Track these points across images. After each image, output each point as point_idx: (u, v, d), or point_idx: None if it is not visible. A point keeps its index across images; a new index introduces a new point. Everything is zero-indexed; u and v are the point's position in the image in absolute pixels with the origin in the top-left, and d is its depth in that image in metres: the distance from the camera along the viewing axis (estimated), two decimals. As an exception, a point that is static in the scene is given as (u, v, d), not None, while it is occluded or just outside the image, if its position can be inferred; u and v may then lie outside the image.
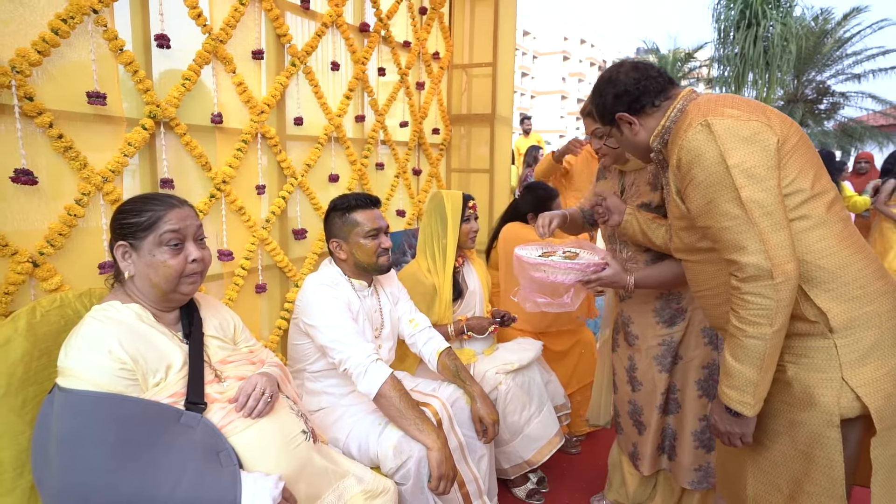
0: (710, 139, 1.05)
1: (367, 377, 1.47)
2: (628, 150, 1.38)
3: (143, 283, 1.13)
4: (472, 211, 2.09)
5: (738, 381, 1.06)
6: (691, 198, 1.09)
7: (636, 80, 1.24)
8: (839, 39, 12.68)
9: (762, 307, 1.00)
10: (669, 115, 1.21)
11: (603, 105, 1.29)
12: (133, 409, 1.01)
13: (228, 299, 1.80)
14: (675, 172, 1.13)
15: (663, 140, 1.23)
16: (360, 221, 1.63)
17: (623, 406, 1.79)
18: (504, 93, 3.02)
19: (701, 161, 1.05)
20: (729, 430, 1.12)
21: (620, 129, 1.29)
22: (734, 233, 1.02)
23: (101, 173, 1.41)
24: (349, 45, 2.24)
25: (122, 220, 1.12)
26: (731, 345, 1.07)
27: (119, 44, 1.42)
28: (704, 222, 1.08)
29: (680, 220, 1.20)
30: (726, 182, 1.03)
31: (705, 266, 1.20)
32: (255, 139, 1.88)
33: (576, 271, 1.56)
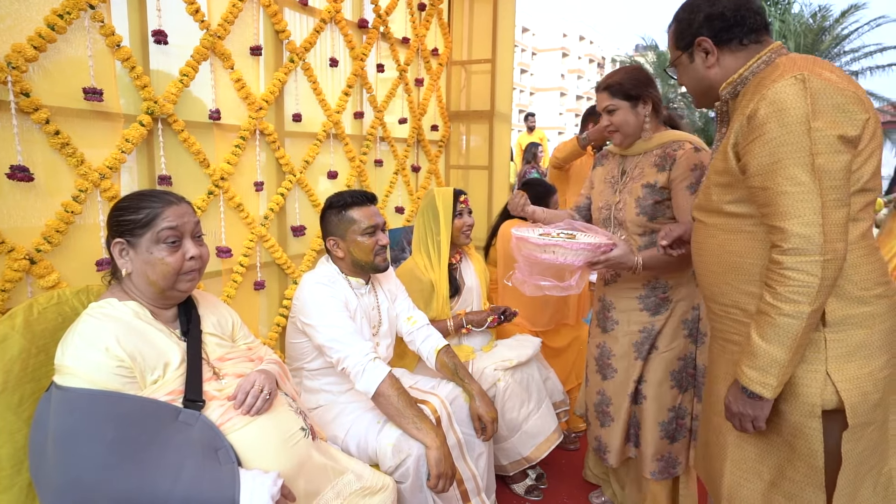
0: (802, 95, 0.96)
1: (365, 376, 1.46)
2: (691, 89, 1.24)
3: (140, 280, 1.13)
4: (463, 206, 2.08)
5: (763, 361, 1.01)
6: (755, 153, 1.00)
7: (736, 7, 1.12)
8: (837, 37, 12.67)
9: (804, 284, 0.95)
10: (751, 65, 1.10)
11: (689, 22, 1.16)
12: (131, 406, 1.01)
13: (227, 296, 1.79)
14: (743, 123, 1.03)
15: (735, 91, 1.13)
16: (356, 219, 1.62)
17: (591, 398, 1.80)
18: (503, 89, 3.02)
19: (782, 116, 0.96)
20: (742, 411, 1.07)
21: (693, 57, 1.17)
22: (793, 199, 0.95)
23: (99, 170, 1.40)
24: (348, 41, 2.23)
25: (118, 217, 1.11)
26: (759, 323, 1.01)
27: (116, 39, 1.41)
28: (761, 182, 1.00)
29: (721, 175, 1.11)
30: (802, 144, 0.95)
31: (716, 233, 1.14)
32: (254, 136, 1.87)
33: (586, 251, 1.49)
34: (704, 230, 1.19)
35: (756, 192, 1.02)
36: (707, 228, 1.18)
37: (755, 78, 1.09)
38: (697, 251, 1.23)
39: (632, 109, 1.61)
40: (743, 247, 1.09)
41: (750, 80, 1.11)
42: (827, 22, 12.72)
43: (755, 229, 1.07)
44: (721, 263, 1.14)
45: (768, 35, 1.14)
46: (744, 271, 1.10)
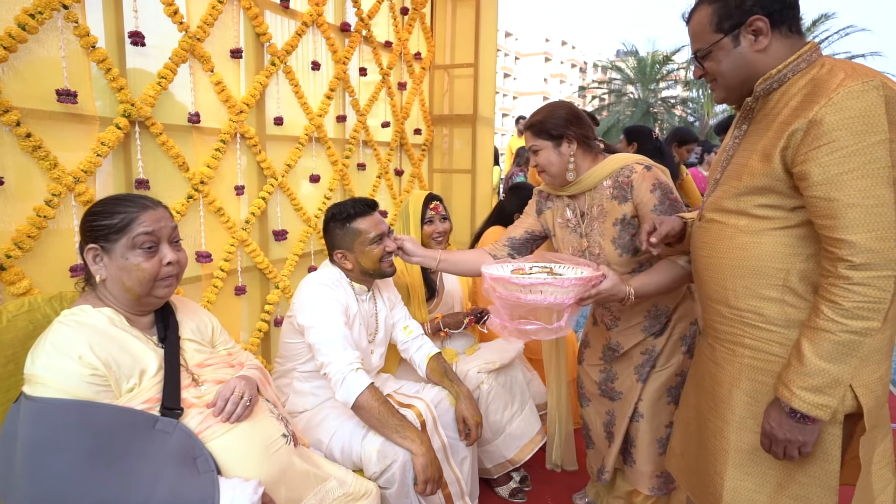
0: (879, 102, 0.89)
1: (344, 385, 1.45)
2: (728, 79, 1.09)
3: (115, 286, 1.10)
4: (434, 212, 2.05)
5: (821, 381, 0.94)
6: (820, 161, 0.91)
7: None
8: (811, 44, 13.04)
9: (876, 300, 0.90)
10: (793, 61, 1.01)
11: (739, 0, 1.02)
12: (105, 416, 0.98)
13: (207, 301, 1.77)
14: (801, 127, 0.94)
15: (770, 87, 1.04)
16: (362, 229, 1.61)
17: (599, 418, 1.77)
18: (486, 93, 3.03)
19: (856, 123, 0.89)
20: (790, 437, 0.99)
21: (739, 39, 1.04)
22: (865, 212, 0.89)
23: (73, 173, 1.37)
24: (330, 44, 2.22)
25: (92, 221, 1.09)
26: (816, 340, 0.94)
27: (91, 40, 1.38)
28: (825, 192, 0.92)
29: (758, 177, 1.02)
30: (878, 156, 0.88)
31: (736, 234, 1.07)
32: (234, 139, 1.85)
33: (577, 287, 1.33)
34: (720, 230, 1.11)
35: (816, 203, 0.94)
36: (724, 229, 1.10)
37: (800, 77, 1.01)
38: (708, 251, 1.15)
39: (555, 149, 1.56)
40: (768, 251, 1.04)
41: (789, 77, 1.02)
42: (801, 30, 13.09)
43: (781, 233, 1.03)
44: (741, 267, 1.07)
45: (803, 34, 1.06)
46: (766, 276, 1.04)
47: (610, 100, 21.18)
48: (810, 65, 1.01)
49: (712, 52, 1.08)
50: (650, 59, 19.23)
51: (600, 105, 21.33)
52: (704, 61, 1.11)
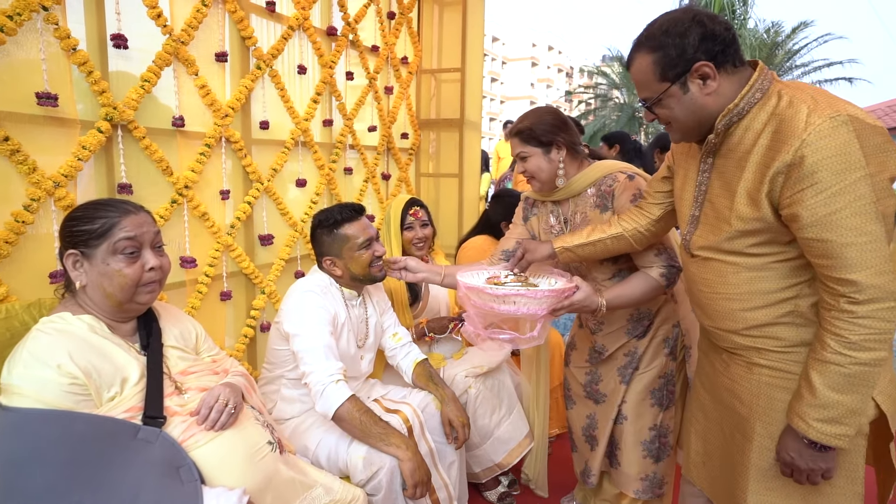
0: (851, 139, 0.88)
1: (323, 397, 1.44)
2: (683, 122, 1.08)
3: (96, 293, 1.09)
4: (413, 218, 2.05)
5: (836, 412, 0.94)
6: (807, 204, 0.91)
7: (726, 27, 1.00)
8: (789, 51, 13.29)
9: (882, 331, 0.90)
10: (746, 95, 1.00)
11: (681, 49, 1.00)
12: (84, 426, 0.96)
13: (191, 307, 1.74)
14: (780, 171, 0.94)
15: (730, 122, 1.02)
16: (350, 235, 1.61)
17: (579, 421, 1.78)
18: (473, 98, 3.04)
19: (835, 163, 0.88)
20: (812, 467, 0.99)
21: (688, 86, 1.02)
22: (861, 250, 0.89)
23: (53, 178, 1.34)
24: (316, 48, 2.22)
25: (72, 227, 1.07)
26: (826, 373, 0.94)
27: (72, 43, 1.36)
28: (817, 234, 0.92)
29: (746, 221, 1.02)
30: (862, 193, 0.88)
31: (742, 271, 1.06)
32: (219, 143, 1.83)
33: (550, 299, 1.35)
34: (720, 267, 1.10)
35: (811, 244, 0.94)
36: (725, 266, 1.09)
37: (759, 109, 1.00)
38: (711, 287, 1.13)
39: (544, 156, 1.53)
40: (773, 283, 1.04)
41: (748, 110, 1.01)
42: (780, 37, 13.34)
43: (783, 265, 1.03)
44: (750, 300, 1.07)
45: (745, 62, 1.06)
46: (776, 305, 1.05)
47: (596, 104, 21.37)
48: (765, 94, 1.01)
49: (662, 100, 1.07)
50: (635, 64, 19.41)
51: (586, 109, 21.51)
52: (655, 108, 1.10)
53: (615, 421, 1.67)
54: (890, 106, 13.46)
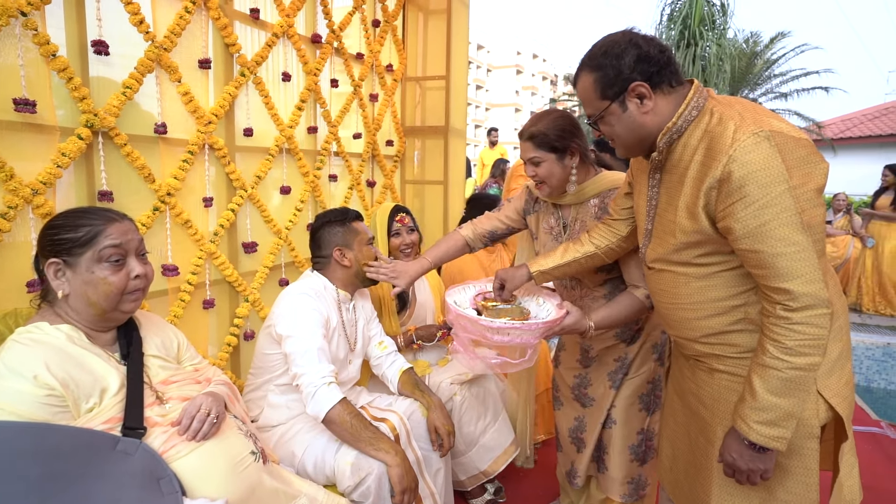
0: (773, 153, 0.93)
1: (315, 399, 1.44)
2: (624, 140, 1.13)
3: (79, 302, 1.07)
4: (400, 224, 2.08)
5: (774, 415, 0.97)
6: (738, 217, 0.96)
7: (661, 48, 1.05)
8: (767, 61, 13.60)
9: (814, 337, 0.94)
10: (683, 113, 1.04)
11: (618, 70, 1.04)
12: (60, 438, 0.94)
13: (174, 316, 1.72)
14: (713, 186, 0.98)
15: (671, 139, 1.07)
16: (360, 230, 1.74)
17: (567, 423, 1.79)
18: (457, 105, 3.06)
19: (760, 177, 0.93)
20: (751, 467, 1.02)
21: (626, 105, 1.07)
22: (791, 259, 0.93)
23: (31, 185, 1.32)
24: (301, 55, 2.22)
25: (53, 235, 1.05)
26: (765, 377, 0.97)
27: (51, 49, 1.35)
28: (750, 245, 0.96)
29: (689, 234, 1.06)
30: (787, 204, 0.92)
31: (691, 280, 1.10)
32: (203, 150, 1.82)
33: (542, 329, 1.39)
34: (673, 278, 1.14)
35: (746, 255, 0.99)
36: (676, 277, 1.13)
37: (695, 127, 1.05)
38: (668, 298, 1.17)
39: (558, 161, 1.49)
40: (722, 292, 1.08)
41: (686, 128, 1.06)
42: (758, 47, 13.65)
43: (729, 274, 1.06)
44: (702, 309, 1.10)
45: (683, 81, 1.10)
46: (728, 313, 1.08)
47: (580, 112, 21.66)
48: (700, 111, 1.05)
49: (604, 118, 1.11)
50: (618, 72, 19.70)
51: (570, 117, 21.74)
52: (599, 125, 1.14)
53: (604, 425, 1.68)
54: (865, 115, 13.84)
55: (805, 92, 13.12)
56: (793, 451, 1.07)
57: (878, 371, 4.39)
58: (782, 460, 1.08)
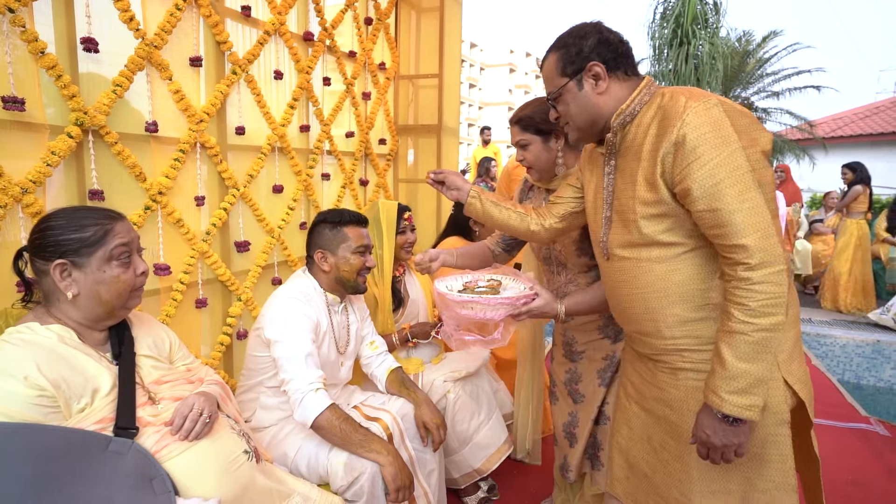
0: (722, 117, 0.99)
1: (302, 406, 1.44)
2: (578, 120, 1.19)
3: (89, 301, 1.07)
4: (407, 223, 2.09)
5: (744, 382, 0.97)
6: (695, 177, 0.99)
7: (620, 40, 1.14)
8: (760, 59, 13.68)
9: (775, 295, 0.96)
10: (637, 97, 1.12)
11: (578, 49, 1.13)
12: (52, 438, 0.94)
13: (166, 315, 1.71)
14: (668, 151, 1.02)
15: (624, 122, 1.13)
16: (350, 236, 1.66)
17: (561, 417, 1.80)
18: (450, 104, 3.06)
19: (711, 138, 0.98)
20: (726, 442, 1.02)
21: (582, 84, 1.14)
22: (747, 215, 0.96)
23: (20, 184, 1.31)
24: (293, 53, 2.21)
25: (58, 235, 1.05)
26: (733, 343, 0.98)
27: (40, 46, 1.33)
28: (708, 205, 0.99)
29: (650, 205, 1.08)
30: (739, 162, 0.97)
31: (653, 266, 1.11)
32: (194, 149, 1.81)
33: (505, 306, 1.44)
34: (635, 267, 1.15)
35: (703, 216, 1.01)
36: (639, 264, 1.14)
37: (647, 109, 1.11)
38: (629, 289, 1.17)
39: (544, 144, 1.56)
40: (687, 274, 1.08)
41: (638, 111, 1.12)
42: (751, 46, 13.73)
43: (692, 255, 1.08)
44: (666, 295, 1.11)
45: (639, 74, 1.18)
46: (691, 298, 1.09)
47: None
48: (652, 96, 1.12)
49: (562, 95, 1.18)
50: (611, 71, 19.79)
51: (564, 115, 21.79)
52: (557, 104, 1.21)
53: (596, 421, 1.70)
54: (856, 113, 13.97)
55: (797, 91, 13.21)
56: (767, 440, 1.08)
57: (868, 368, 4.44)
58: (758, 450, 1.09)
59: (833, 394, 3.44)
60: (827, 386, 3.58)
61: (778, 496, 1.10)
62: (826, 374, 3.79)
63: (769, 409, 1.06)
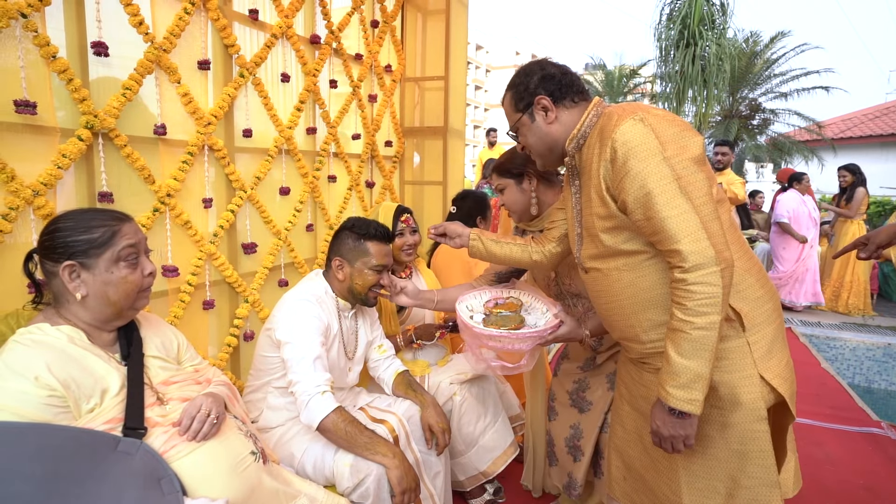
0: (647, 131, 1.06)
1: (308, 408, 1.44)
2: (537, 148, 1.29)
3: (97, 302, 1.09)
4: (405, 225, 2.07)
5: (686, 378, 1.03)
6: (627, 190, 1.07)
7: (563, 72, 1.25)
8: (767, 60, 13.59)
9: (709, 295, 1.00)
10: (585, 120, 1.21)
11: (525, 86, 1.24)
12: (62, 438, 0.95)
13: (174, 316, 1.73)
14: (607, 168, 1.11)
15: (578, 144, 1.22)
16: (371, 252, 1.65)
17: (563, 432, 1.79)
18: (456, 106, 3.07)
19: (638, 152, 1.05)
20: (673, 433, 1.08)
21: (534, 116, 1.25)
22: (677, 221, 1.02)
23: (32, 186, 1.33)
24: (300, 56, 2.22)
25: (66, 237, 1.06)
26: (675, 340, 1.04)
27: (51, 50, 1.35)
28: (643, 214, 1.06)
29: (605, 219, 1.16)
30: (664, 172, 1.03)
31: (621, 275, 1.18)
32: (202, 151, 1.82)
33: (533, 339, 1.49)
34: (606, 277, 1.21)
35: (642, 225, 1.08)
36: (609, 273, 1.20)
37: (594, 130, 1.19)
38: (606, 298, 1.24)
39: (517, 186, 1.67)
40: (653, 280, 1.14)
41: (589, 132, 1.20)
42: (758, 47, 13.64)
43: (655, 261, 1.13)
44: (636, 301, 1.17)
45: (588, 95, 1.27)
46: (659, 303, 1.14)
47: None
48: (599, 117, 1.20)
49: (519, 129, 1.30)
50: (617, 72, 19.73)
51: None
52: (517, 137, 1.32)
53: (601, 429, 1.68)
54: (866, 114, 13.84)
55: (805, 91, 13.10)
56: (745, 437, 1.11)
57: (879, 372, 4.39)
58: (738, 447, 1.12)
59: (843, 398, 3.40)
60: (837, 389, 3.54)
61: (762, 492, 1.12)
62: (836, 377, 3.75)
63: (744, 405, 1.10)
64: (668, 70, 10.54)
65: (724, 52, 9.92)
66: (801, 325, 5.04)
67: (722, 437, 1.13)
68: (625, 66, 19.99)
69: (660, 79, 11.36)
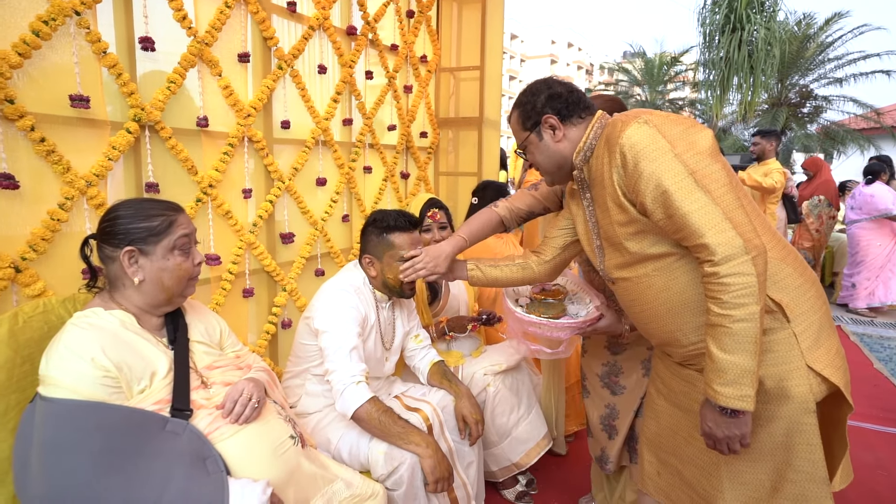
0: (653, 132, 1.06)
1: (343, 398, 1.46)
2: (545, 166, 1.30)
3: (153, 287, 1.14)
4: (431, 221, 2.03)
5: (733, 374, 1.00)
6: (644, 192, 1.06)
7: (569, 90, 1.26)
8: (822, 44, 12.89)
9: (744, 285, 0.98)
10: (590, 133, 1.22)
11: (533, 105, 1.26)
12: (117, 417, 1.00)
13: (215, 304, 1.78)
14: (619, 174, 1.11)
15: (586, 157, 1.23)
16: (396, 244, 1.61)
17: (598, 410, 1.78)
18: (491, 96, 3.03)
19: (647, 153, 1.05)
20: (728, 434, 1.05)
21: (542, 134, 1.26)
22: (699, 215, 1.01)
23: (85, 177, 1.39)
24: (336, 48, 2.24)
25: (126, 224, 1.11)
26: (716, 336, 1.01)
27: (102, 46, 1.41)
28: (664, 213, 1.05)
29: (626, 226, 1.15)
30: (677, 169, 1.03)
31: (652, 281, 1.16)
32: (242, 143, 1.87)
33: (571, 329, 1.54)
34: (636, 285, 1.20)
35: (664, 224, 1.07)
36: (640, 280, 1.19)
37: (600, 140, 1.20)
38: (640, 307, 1.23)
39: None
40: (685, 281, 1.12)
41: (595, 143, 1.21)
42: (812, 30, 12.95)
43: (684, 261, 1.11)
44: (672, 305, 1.15)
45: (593, 109, 1.27)
46: (696, 302, 1.12)
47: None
48: (604, 127, 1.21)
49: (527, 147, 1.30)
50: (658, 60, 19.12)
51: (607, 106, 21.21)
52: (526, 154, 1.33)
53: (637, 413, 1.68)
54: (927, 100, 12.96)
55: (863, 77, 12.37)
56: (792, 429, 1.08)
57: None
58: (784, 439, 1.08)
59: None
60: (891, 391, 3.36)
61: (809, 487, 1.08)
62: (890, 378, 3.56)
63: (792, 398, 1.06)
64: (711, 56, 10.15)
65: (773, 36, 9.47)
66: (851, 324, 4.80)
67: (766, 430, 1.10)
68: (665, 53, 19.34)
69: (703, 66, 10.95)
